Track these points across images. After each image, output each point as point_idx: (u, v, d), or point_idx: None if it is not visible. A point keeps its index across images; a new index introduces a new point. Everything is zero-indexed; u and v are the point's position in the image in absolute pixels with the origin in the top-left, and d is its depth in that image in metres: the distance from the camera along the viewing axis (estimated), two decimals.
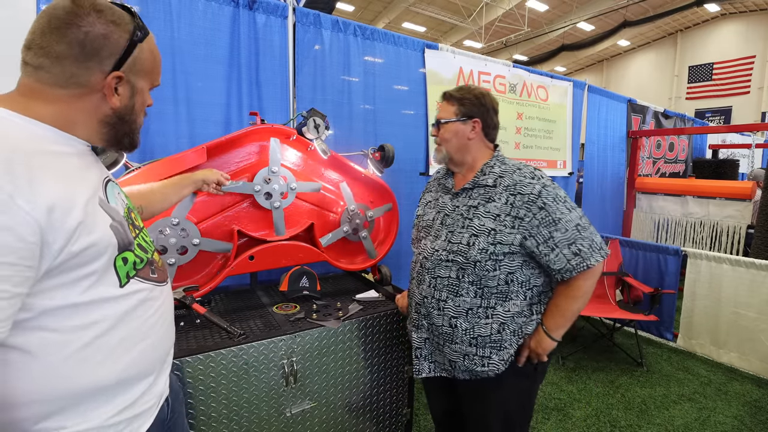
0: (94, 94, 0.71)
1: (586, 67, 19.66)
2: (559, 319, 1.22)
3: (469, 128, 1.27)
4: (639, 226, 4.51)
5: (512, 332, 1.22)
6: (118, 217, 0.74)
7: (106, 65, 0.69)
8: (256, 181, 1.64)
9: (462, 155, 1.29)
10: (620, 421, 2.29)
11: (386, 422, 1.74)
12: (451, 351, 1.25)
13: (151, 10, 1.77)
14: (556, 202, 1.16)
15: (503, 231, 1.16)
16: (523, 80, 3.32)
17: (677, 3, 12.73)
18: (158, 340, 0.81)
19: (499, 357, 1.22)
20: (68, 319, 0.65)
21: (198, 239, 1.54)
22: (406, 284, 2.30)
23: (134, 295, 0.75)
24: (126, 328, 0.73)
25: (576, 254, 1.15)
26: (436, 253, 1.26)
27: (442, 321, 1.25)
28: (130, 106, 0.75)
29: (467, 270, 1.20)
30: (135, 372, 0.75)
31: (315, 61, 2.24)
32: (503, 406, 1.29)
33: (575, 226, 1.16)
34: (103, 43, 0.68)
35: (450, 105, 1.29)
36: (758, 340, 2.76)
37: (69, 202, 0.63)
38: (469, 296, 1.21)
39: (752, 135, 5.99)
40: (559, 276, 1.19)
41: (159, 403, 0.83)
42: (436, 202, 1.37)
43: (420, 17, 14.28)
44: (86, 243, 0.65)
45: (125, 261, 0.73)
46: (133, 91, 0.75)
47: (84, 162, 0.72)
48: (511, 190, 1.19)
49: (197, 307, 1.45)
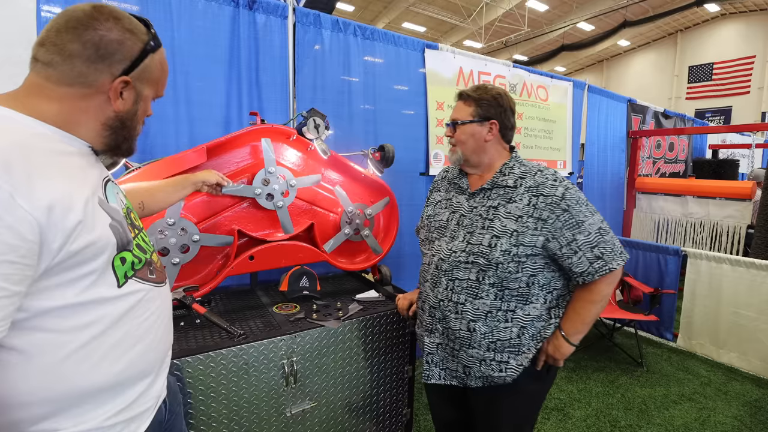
0: (99, 95, 0.71)
1: (586, 67, 19.66)
2: (578, 324, 1.21)
3: (486, 130, 1.24)
4: (639, 226, 4.51)
5: (531, 336, 1.20)
6: (118, 216, 0.74)
7: (116, 69, 0.71)
8: (255, 184, 1.64)
9: (478, 157, 1.26)
10: (620, 421, 2.29)
11: (386, 422, 1.74)
12: (467, 356, 1.22)
13: (151, 10, 1.77)
14: (579, 204, 1.15)
15: (526, 232, 1.14)
16: (523, 80, 3.31)
17: (677, 3, 12.73)
18: (156, 342, 0.81)
19: (517, 362, 1.20)
20: (65, 320, 0.65)
21: (197, 235, 1.54)
22: (406, 284, 2.31)
23: (132, 296, 0.75)
24: (123, 328, 0.73)
25: (599, 257, 1.14)
26: (454, 255, 1.21)
27: (460, 325, 1.21)
28: (132, 112, 0.77)
29: (488, 272, 1.16)
30: (132, 373, 0.75)
31: (315, 61, 2.24)
32: (515, 411, 1.27)
33: (597, 229, 1.15)
34: (117, 48, 0.70)
35: (467, 105, 1.26)
36: (758, 340, 2.76)
37: (69, 201, 0.63)
38: (489, 299, 1.17)
39: (752, 135, 5.98)
40: (580, 279, 1.17)
41: (156, 404, 0.83)
42: (449, 202, 1.33)
43: (420, 17, 14.28)
44: (85, 242, 0.65)
45: (123, 261, 0.73)
46: (138, 97, 0.77)
47: (85, 161, 0.72)
48: (534, 191, 1.16)
49: (197, 307, 1.45)
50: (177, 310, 1.44)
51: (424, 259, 1.36)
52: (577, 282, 1.19)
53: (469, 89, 1.28)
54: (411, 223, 2.54)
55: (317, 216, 1.88)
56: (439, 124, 2.78)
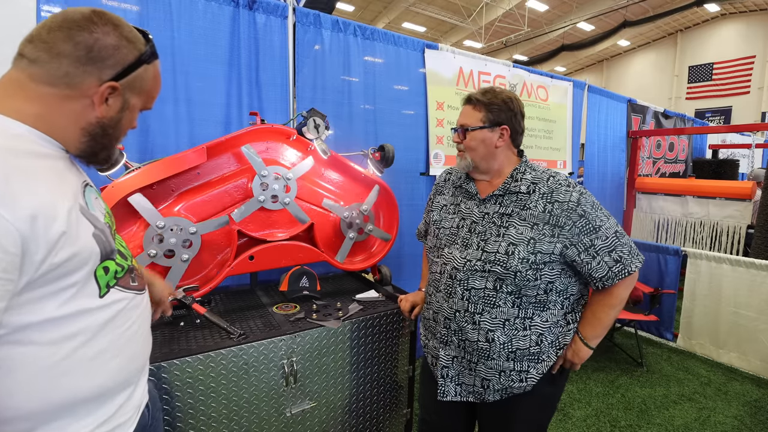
0: (83, 99, 0.68)
1: (586, 67, 19.66)
2: (598, 329, 1.20)
3: (497, 136, 1.20)
4: (639, 226, 4.51)
5: (550, 343, 1.18)
6: (100, 224, 0.71)
7: (105, 74, 0.68)
8: (255, 194, 1.64)
9: (488, 163, 1.22)
10: (620, 421, 2.29)
11: (386, 422, 1.74)
12: (485, 368, 1.18)
13: (151, 10, 1.77)
14: (595, 209, 1.13)
15: (543, 240, 1.12)
16: (523, 80, 3.32)
17: (677, 3, 12.73)
18: (137, 351, 0.79)
19: (537, 370, 1.18)
20: (47, 332, 0.63)
21: (194, 227, 1.52)
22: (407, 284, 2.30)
23: (114, 305, 0.72)
24: (105, 339, 0.70)
25: (617, 261, 1.13)
26: (469, 263, 1.17)
27: (478, 336, 1.17)
28: (116, 120, 0.73)
29: (506, 280, 1.13)
30: (114, 384, 0.73)
31: (315, 61, 2.24)
32: (530, 415, 1.26)
33: (614, 233, 1.14)
34: (110, 53, 0.68)
35: (476, 111, 1.20)
36: (758, 340, 2.76)
37: (52, 210, 0.60)
38: (506, 306, 1.15)
39: (752, 135, 5.99)
40: (600, 284, 1.15)
41: (138, 413, 0.82)
42: (456, 207, 1.29)
43: (420, 17, 14.28)
44: (69, 254, 0.62)
45: (106, 270, 0.71)
46: (124, 106, 0.73)
47: (62, 165, 0.69)
48: (548, 198, 1.14)
49: (197, 307, 1.45)
50: (177, 310, 1.44)
51: (434, 267, 1.30)
52: (597, 287, 1.18)
53: (477, 93, 1.22)
54: (411, 223, 2.54)
55: (317, 216, 1.88)
56: (439, 124, 2.78)
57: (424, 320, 1.37)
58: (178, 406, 1.25)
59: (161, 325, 1.47)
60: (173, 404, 1.24)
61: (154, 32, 0.80)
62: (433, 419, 1.41)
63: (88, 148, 0.72)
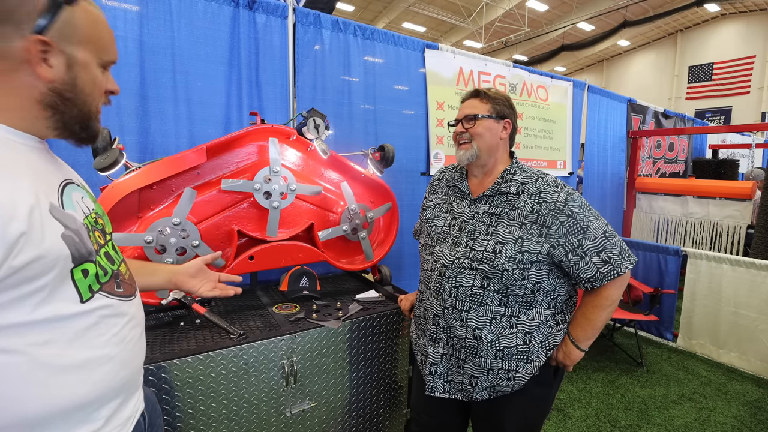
0: (22, 67, 0.60)
1: (586, 67, 19.66)
2: (588, 330, 1.20)
3: (501, 128, 1.26)
4: (639, 226, 4.51)
5: (539, 343, 1.19)
6: (74, 224, 0.65)
7: (24, 29, 0.59)
8: (256, 180, 1.64)
9: (489, 155, 1.26)
10: (620, 421, 2.29)
11: (386, 422, 1.74)
12: (473, 366, 1.20)
13: (151, 10, 1.77)
14: (583, 209, 1.14)
15: (530, 239, 1.13)
16: (523, 80, 3.32)
17: (677, 3, 12.73)
18: (125, 361, 0.74)
19: (525, 370, 1.18)
20: (19, 338, 0.58)
21: (197, 241, 1.53)
22: (406, 284, 2.31)
23: (96, 312, 0.68)
24: (86, 347, 0.66)
25: (606, 262, 1.13)
26: (458, 261, 1.20)
27: (465, 333, 1.19)
28: (69, 81, 0.65)
29: (493, 279, 1.15)
30: (96, 396, 0.68)
31: (315, 61, 2.24)
32: (521, 414, 1.26)
33: (603, 233, 1.14)
34: (17, 4, 0.58)
35: (483, 103, 1.26)
36: (758, 340, 2.76)
37: (9, 209, 0.55)
38: (493, 304, 1.17)
39: (752, 135, 5.99)
40: (588, 285, 1.16)
41: (130, 424, 0.77)
42: (449, 206, 1.32)
43: (420, 17, 14.28)
44: (31, 256, 0.57)
45: (86, 273, 0.66)
46: (71, 62, 0.64)
47: (36, 159, 0.63)
48: (536, 198, 1.16)
49: (197, 307, 1.45)
50: (177, 310, 1.44)
51: (425, 265, 1.33)
52: (586, 288, 1.18)
53: (484, 89, 1.30)
54: (411, 223, 2.54)
55: (317, 215, 1.88)
56: (439, 124, 2.78)
57: (415, 318, 1.39)
58: (178, 406, 1.25)
59: (161, 325, 1.47)
60: (173, 404, 1.24)
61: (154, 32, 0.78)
62: (424, 419, 1.42)
63: (57, 123, 0.66)
